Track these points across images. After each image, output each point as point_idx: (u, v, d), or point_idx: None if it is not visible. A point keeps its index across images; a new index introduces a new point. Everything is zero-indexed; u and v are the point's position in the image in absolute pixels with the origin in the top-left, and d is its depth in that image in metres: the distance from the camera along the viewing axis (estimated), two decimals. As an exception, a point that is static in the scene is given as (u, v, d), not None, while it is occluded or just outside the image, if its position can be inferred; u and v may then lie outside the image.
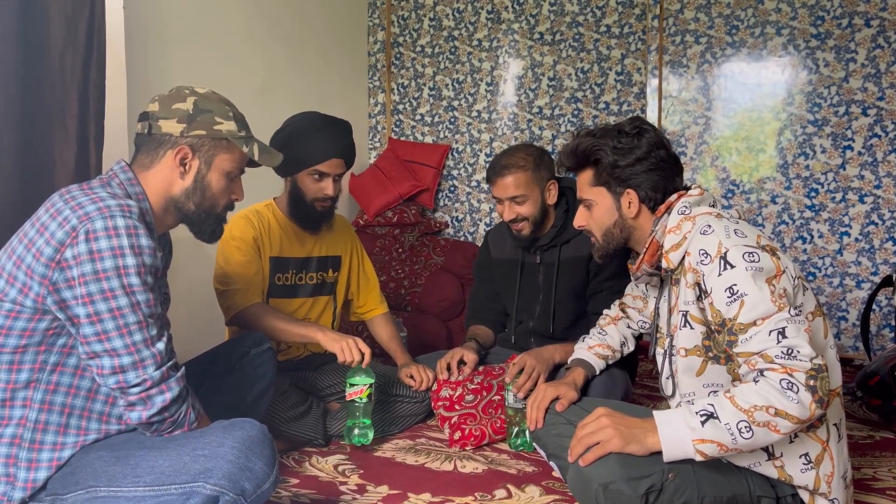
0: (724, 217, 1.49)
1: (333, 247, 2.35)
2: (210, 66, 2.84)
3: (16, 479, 1.36)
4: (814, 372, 1.28)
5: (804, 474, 1.41)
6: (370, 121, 4.11)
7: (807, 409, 1.27)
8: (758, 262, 1.36)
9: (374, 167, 3.84)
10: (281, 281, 2.23)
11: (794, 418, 1.28)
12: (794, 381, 1.28)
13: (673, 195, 1.59)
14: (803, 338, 1.30)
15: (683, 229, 1.51)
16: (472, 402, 2.16)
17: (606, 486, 1.35)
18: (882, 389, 2.31)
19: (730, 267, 1.37)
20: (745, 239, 1.40)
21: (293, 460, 2.03)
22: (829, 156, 3.15)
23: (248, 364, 1.86)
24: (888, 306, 3.07)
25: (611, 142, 1.61)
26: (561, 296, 2.27)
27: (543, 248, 2.28)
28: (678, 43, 3.37)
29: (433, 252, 3.60)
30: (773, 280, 1.37)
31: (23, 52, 1.92)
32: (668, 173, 1.60)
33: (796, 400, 1.27)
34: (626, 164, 1.60)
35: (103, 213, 1.32)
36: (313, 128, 2.12)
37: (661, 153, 1.59)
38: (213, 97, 1.52)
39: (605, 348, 1.93)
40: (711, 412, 1.32)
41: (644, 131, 1.60)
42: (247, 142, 1.53)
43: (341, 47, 3.84)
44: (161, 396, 1.36)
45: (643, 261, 1.61)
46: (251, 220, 2.18)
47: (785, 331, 1.31)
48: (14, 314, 1.33)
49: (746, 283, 1.35)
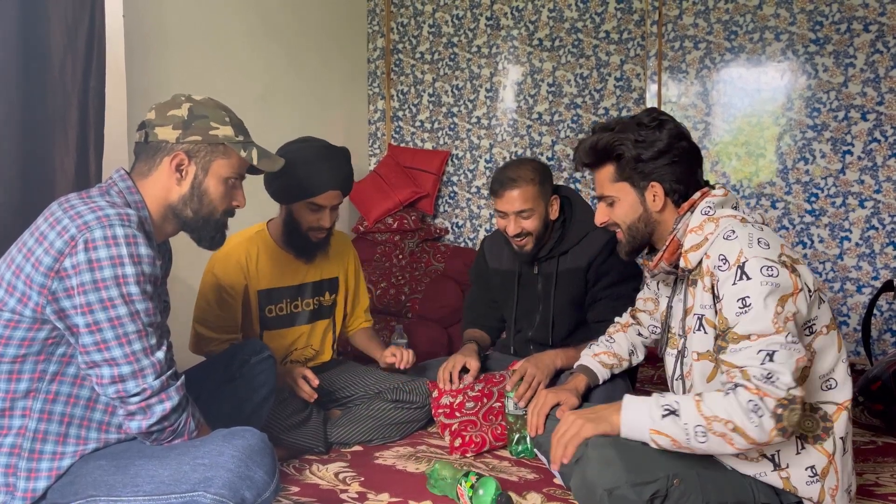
0: (748, 222, 1.46)
1: (329, 269, 2.33)
2: (210, 74, 2.84)
3: (15, 488, 1.36)
4: (786, 401, 1.30)
5: (809, 486, 1.40)
6: (370, 127, 4.12)
7: (766, 434, 1.30)
8: (775, 278, 1.33)
9: (374, 173, 3.84)
10: (273, 313, 2.20)
11: (751, 439, 1.31)
12: (762, 406, 1.30)
13: (696, 192, 1.55)
14: (789, 366, 1.30)
15: (706, 230, 1.47)
16: (473, 409, 2.15)
17: (611, 492, 1.35)
18: (884, 394, 2.30)
19: (746, 278, 1.35)
20: (767, 250, 1.37)
21: (294, 468, 2.03)
22: (828, 160, 3.16)
23: (249, 372, 1.85)
24: (889, 311, 3.07)
25: (632, 135, 1.56)
26: (559, 306, 2.27)
27: (542, 260, 2.27)
28: (677, 48, 3.38)
29: (433, 258, 3.60)
30: (787, 299, 1.34)
31: (23, 59, 1.93)
32: (690, 165, 1.57)
33: (757, 423, 1.30)
34: (650, 157, 1.55)
35: (102, 223, 1.32)
36: (312, 157, 2.07)
37: (683, 144, 1.56)
38: (210, 103, 1.52)
39: (611, 356, 1.89)
40: (675, 409, 1.38)
41: (664, 122, 1.56)
42: (245, 146, 1.52)
43: (341, 54, 3.84)
44: (161, 406, 1.36)
45: (662, 258, 1.58)
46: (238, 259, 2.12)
47: (774, 355, 1.31)
48: (13, 324, 1.33)
49: (757, 297, 1.33)
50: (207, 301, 2.11)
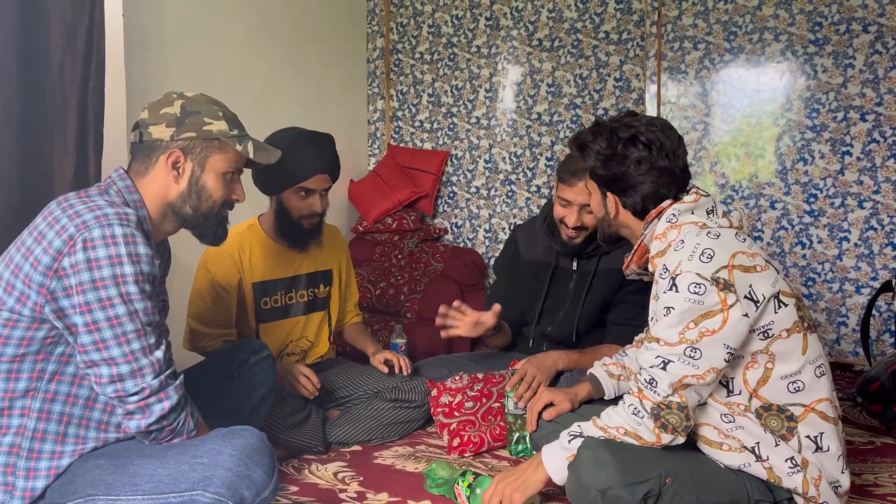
0: (707, 228, 1.48)
1: (323, 261, 2.33)
2: (209, 74, 2.84)
3: (14, 487, 1.36)
4: (663, 406, 1.41)
5: (791, 477, 1.42)
6: (369, 127, 4.12)
7: (652, 434, 1.43)
8: (700, 296, 1.39)
9: (373, 173, 3.85)
10: (269, 305, 2.21)
11: (642, 440, 1.44)
12: (640, 408, 1.43)
13: (667, 201, 1.57)
14: (674, 377, 1.40)
15: (669, 237, 1.51)
16: (472, 408, 2.15)
17: (605, 492, 1.36)
18: (882, 395, 2.30)
19: (675, 290, 1.42)
20: (706, 264, 1.40)
21: (292, 467, 2.03)
22: (827, 161, 3.16)
23: (248, 371, 1.85)
24: (888, 311, 3.07)
25: (598, 145, 1.60)
26: (589, 306, 2.23)
27: (581, 256, 2.25)
28: (676, 49, 3.38)
29: (433, 258, 3.60)
30: (708, 316, 1.39)
31: (22, 59, 1.93)
32: (658, 184, 1.57)
33: (640, 423, 1.43)
34: (604, 173, 1.60)
35: (101, 222, 1.32)
36: (297, 144, 2.07)
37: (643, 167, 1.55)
38: (202, 99, 1.51)
39: (619, 367, 1.88)
40: (579, 432, 1.50)
41: (635, 142, 1.55)
42: (240, 140, 1.52)
43: (340, 54, 3.84)
44: (159, 405, 1.36)
45: (631, 261, 1.64)
46: (231, 254, 2.13)
47: (668, 365, 1.41)
48: (12, 323, 1.33)
49: (677, 310, 1.41)
50: (201, 297, 2.12)
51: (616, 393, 1.86)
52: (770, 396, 1.45)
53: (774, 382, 1.45)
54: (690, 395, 1.42)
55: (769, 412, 1.45)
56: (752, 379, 1.45)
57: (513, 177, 3.76)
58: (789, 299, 1.45)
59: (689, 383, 1.40)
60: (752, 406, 1.46)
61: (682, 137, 1.62)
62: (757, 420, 1.46)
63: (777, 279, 1.45)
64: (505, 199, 3.79)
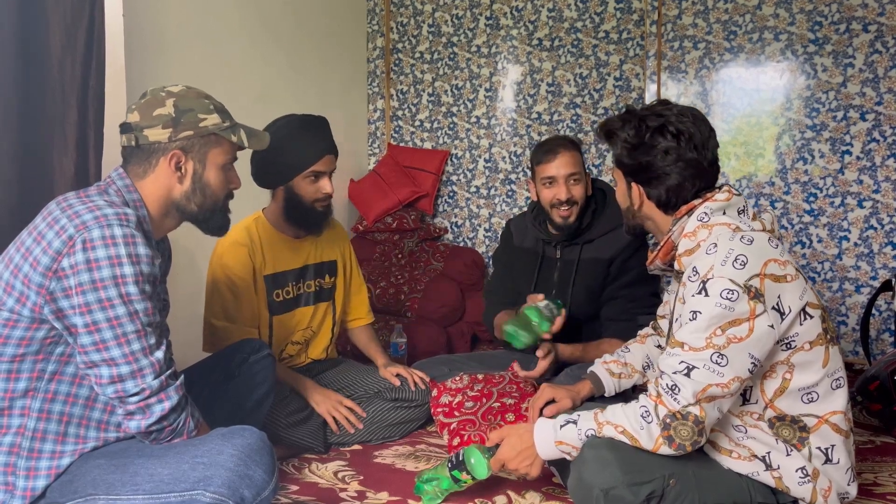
0: (741, 231, 1.43)
1: (328, 252, 2.34)
2: (210, 73, 2.84)
3: (14, 487, 1.36)
4: (679, 415, 1.35)
5: (801, 487, 1.41)
6: (370, 127, 4.12)
7: (652, 441, 1.37)
8: (732, 302, 1.35)
9: (373, 173, 3.85)
10: (281, 297, 2.21)
11: (638, 443, 1.38)
12: (654, 413, 1.38)
13: (697, 198, 1.52)
14: (699, 385, 1.35)
15: (699, 237, 1.46)
16: (472, 408, 2.15)
17: (607, 492, 1.36)
18: (882, 394, 2.30)
19: (705, 294, 1.38)
20: (739, 271, 1.36)
21: (293, 467, 2.03)
22: (827, 161, 3.16)
23: (248, 371, 1.85)
24: (888, 311, 3.07)
25: (626, 133, 1.54)
26: (577, 295, 2.25)
27: (564, 245, 2.26)
28: (676, 48, 3.38)
29: (433, 258, 3.60)
30: (736, 324, 1.35)
31: (22, 59, 1.93)
32: (684, 176, 1.51)
33: (644, 428, 1.37)
34: (630, 162, 1.54)
35: (100, 222, 1.32)
36: (295, 132, 2.07)
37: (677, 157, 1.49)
38: (191, 93, 1.50)
39: (620, 365, 1.85)
40: (574, 420, 1.46)
41: (663, 132, 1.50)
42: (233, 130, 1.52)
43: (341, 54, 3.84)
44: (160, 405, 1.36)
45: (657, 256, 1.58)
46: (244, 244, 2.13)
47: (692, 371, 1.36)
48: (11, 323, 1.33)
49: (706, 315, 1.37)
50: (221, 294, 2.10)
51: (616, 391, 1.85)
52: (785, 407, 1.44)
53: (791, 393, 1.43)
54: (711, 411, 1.36)
55: (782, 422, 1.44)
56: (769, 389, 1.44)
57: (513, 176, 3.76)
58: (815, 311, 1.42)
59: (714, 394, 1.35)
60: (766, 415, 1.45)
61: (713, 130, 1.54)
62: (769, 430, 1.44)
63: (805, 290, 1.41)
64: (505, 199, 3.79)
